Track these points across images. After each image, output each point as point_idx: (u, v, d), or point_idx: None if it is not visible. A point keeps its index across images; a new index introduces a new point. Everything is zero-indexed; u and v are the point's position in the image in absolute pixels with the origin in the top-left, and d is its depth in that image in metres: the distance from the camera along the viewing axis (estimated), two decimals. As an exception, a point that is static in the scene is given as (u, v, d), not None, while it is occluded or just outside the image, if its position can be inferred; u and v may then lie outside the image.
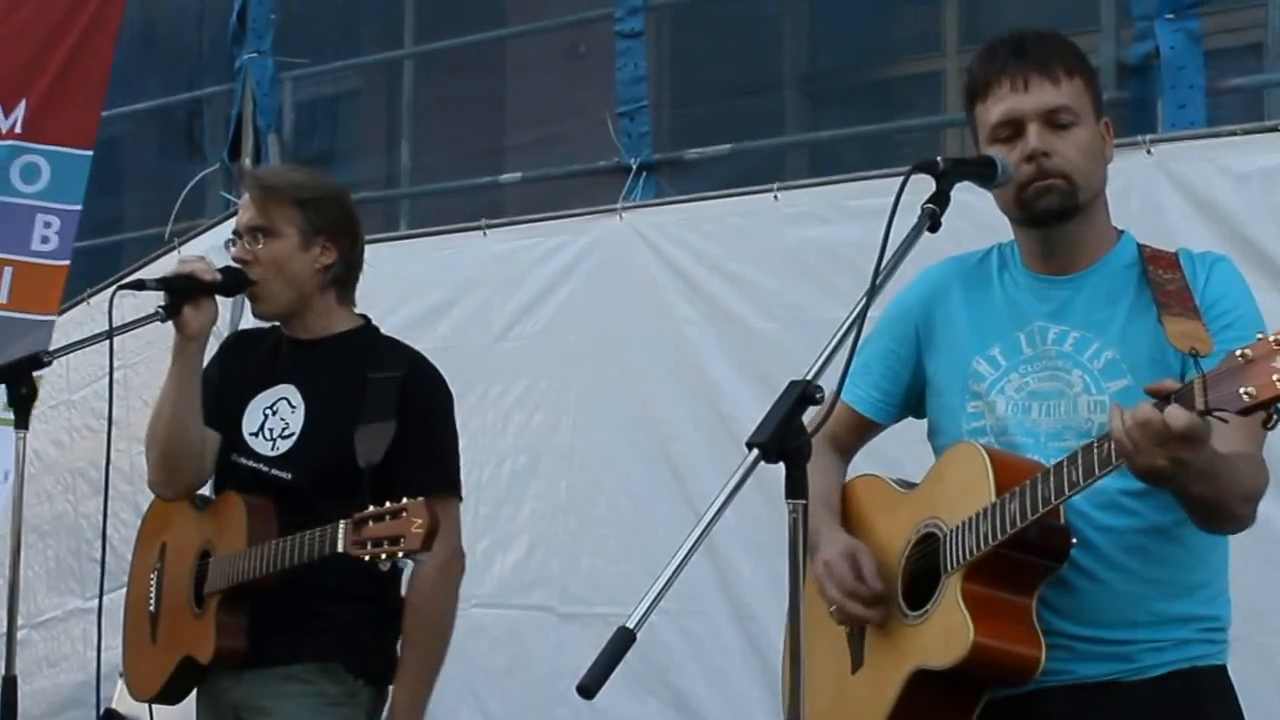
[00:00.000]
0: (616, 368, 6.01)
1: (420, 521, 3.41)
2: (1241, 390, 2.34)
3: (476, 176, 7.18)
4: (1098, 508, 2.83)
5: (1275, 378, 2.30)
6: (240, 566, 3.72)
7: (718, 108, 7.16)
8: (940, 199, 2.72)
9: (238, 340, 4.12)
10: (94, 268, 7.63)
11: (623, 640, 2.29)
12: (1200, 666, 2.88)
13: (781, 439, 2.38)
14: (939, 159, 2.74)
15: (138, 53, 8.05)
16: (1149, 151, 4.98)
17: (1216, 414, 2.42)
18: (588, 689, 2.25)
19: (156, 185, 8.24)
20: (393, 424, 3.70)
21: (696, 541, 2.32)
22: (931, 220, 2.70)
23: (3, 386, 4.69)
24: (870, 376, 3.15)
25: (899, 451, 3.29)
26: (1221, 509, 2.71)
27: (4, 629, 7.18)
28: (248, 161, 7.35)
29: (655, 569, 6.47)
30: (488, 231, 6.47)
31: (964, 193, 3.04)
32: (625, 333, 6.03)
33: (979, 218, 3.51)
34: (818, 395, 2.41)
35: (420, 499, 3.44)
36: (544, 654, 6.04)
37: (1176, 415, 2.45)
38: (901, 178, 2.64)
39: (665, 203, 6.18)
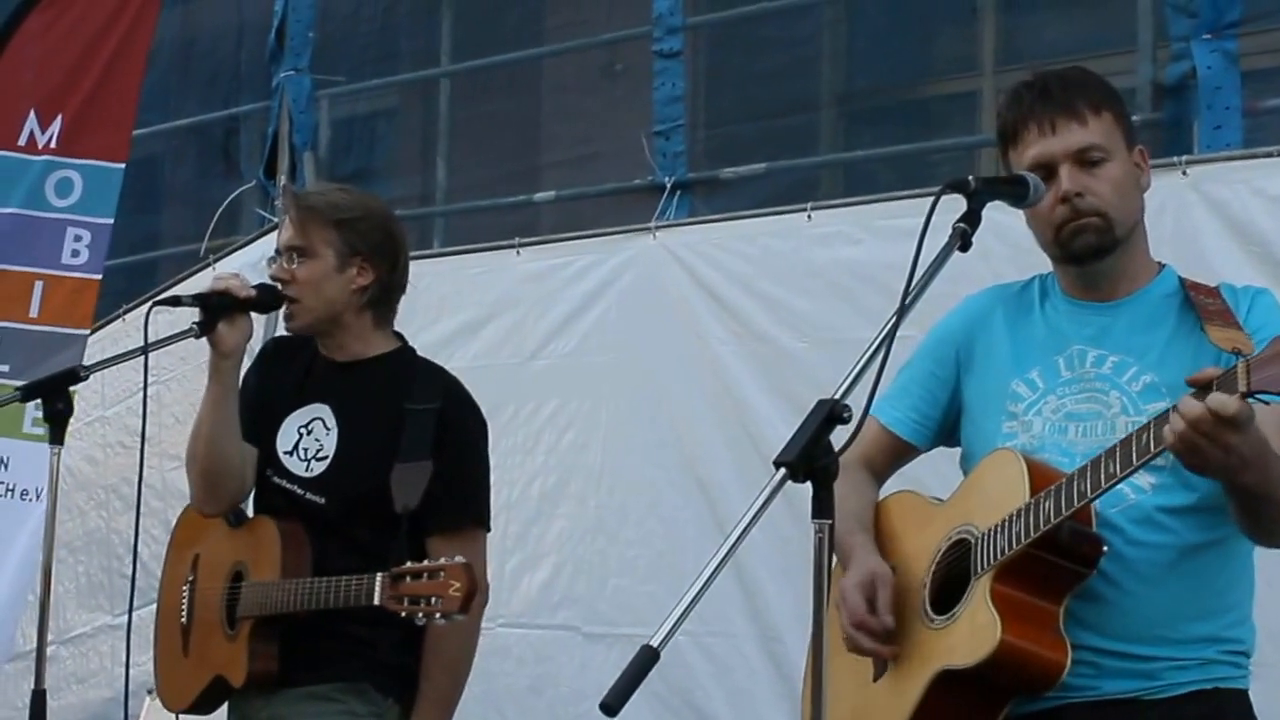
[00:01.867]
0: (647, 388, 6.01)
1: (459, 585, 3.43)
2: None
3: (512, 195, 7.19)
4: (1133, 523, 2.85)
5: None
6: (274, 598, 3.74)
7: (754, 127, 7.14)
8: (971, 218, 2.73)
9: (276, 347, 4.10)
10: (130, 284, 7.67)
11: (646, 658, 2.31)
12: (1223, 688, 2.88)
13: (809, 458, 2.38)
14: (970, 178, 2.76)
15: (176, 70, 8.12)
16: (1184, 173, 4.95)
17: (1260, 396, 2.47)
18: (610, 706, 2.28)
19: (193, 202, 8.28)
20: (429, 464, 3.71)
21: (723, 561, 2.30)
22: (963, 239, 2.70)
23: (38, 401, 4.76)
24: (909, 399, 3.17)
25: (931, 479, 3.28)
26: (1270, 502, 2.70)
27: (35, 645, 7.22)
28: (283, 179, 7.38)
29: (683, 590, 6.46)
30: (521, 250, 6.48)
31: (997, 212, 3.04)
32: (656, 353, 6.02)
33: (1012, 237, 3.50)
34: (845, 415, 2.41)
35: (460, 560, 3.46)
36: (569, 674, 6.04)
37: (1223, 401, 2.49)
38: (933, 197, 2.63)
39: (698, 222, 6.18)
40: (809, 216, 5.71)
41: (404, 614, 3.47)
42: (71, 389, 3.83)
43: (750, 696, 5.61)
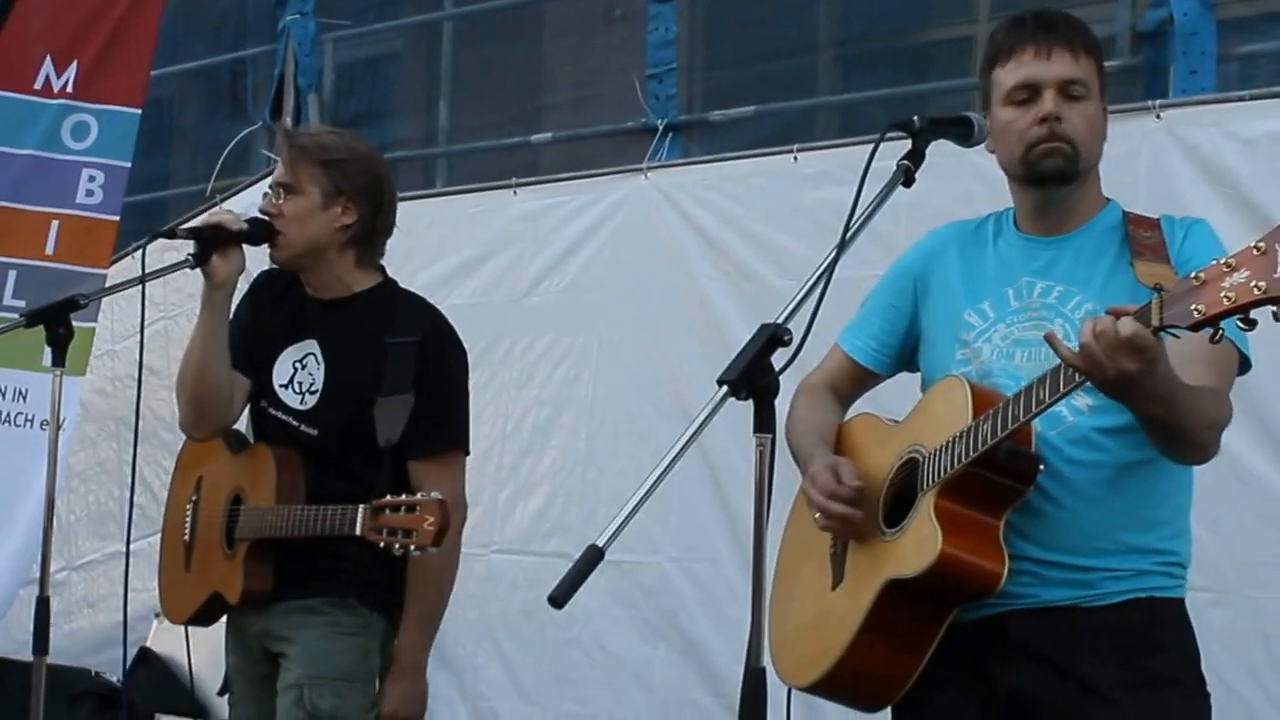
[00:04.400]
0: (638, 324, 6.15)
1: (432, 520, 3.61)
2: (1193, 308, 2.49)
3: (512, 136, 7.31)
4: (1070, 443, 3.00)
5: (1223, 295, 2.45)
6: (268, 522, 3.92)
7: (753, 71, 7.25)
8: (915, 156, 2.90)
9: (268, 279, 4.21)
10: (141, 223, 7.77)
11: (593, 556, 2.49)
12: (1158, 597, 3.03)
13: (750, 377, 2.54)
14: (915, 118, 2.92)
15: (185, 14, 8.21)
16: (1158, 116, 5.07)
17: (1171, 330, 2.57)
18: (557, 600, 2.47)
19: (204, 144, 8.40)
20: (410, 398, 3.87)
21: (665, 470, 2.47)
22: (906, 176, 2.87)
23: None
24: (869, 329, 3.34)
25: (896, 403, 3.43)
26: (1180, 433, 2.85)
27: (52, 568, 7.43)
28: (288, 121, 7.51)
29: (669, 519, 6.64)
30: (518, 190, 6.62)
31: (979, 156, 3.22)
32: (647, 290, 6.16)
33: (988, 179, 3.63)
34: (785, 338, 2.58)
35: (436, 496, 3.64)
36: (560, 599, 6.20)
37: (1125, 323, 2.62)
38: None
39: (689, 163, 6.31)
40: (795, 158, 5.83)
41: (382, 544, 3.65)
42: (89, 324, 3.97)
43: (734, 620, 5.75)
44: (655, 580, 5.98)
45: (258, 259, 4.13)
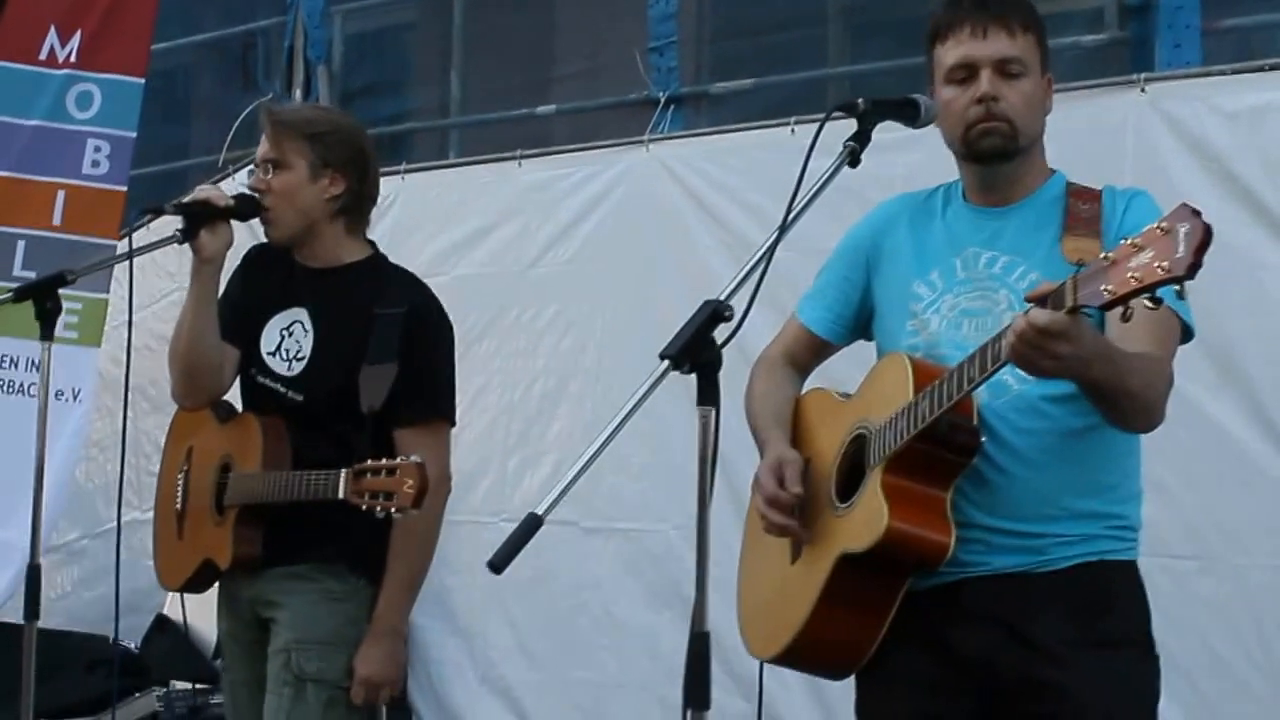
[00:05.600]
0: (641, 294, 6.21)
1: (412, 482, 3.67)
2: (1103, 288, 2.54)
3: (520, 108, 7.39)
4: (1017, 411, 3.06)
5: (1129, 275, 2.49)
6: (255, 488, 4.02)
7: (763, 41, 7.29)
8: (861, 137, 2.99)
9: (259, 253, 4.30)
10: (158, 194, 7.85)
11: (531, 524, 2.53)
12: (1108, 560, 3.09)
13: (692, 352, 2.62)
14: (860, 100, 2.99)
15: (199, -15, 8.35)
16: (1143, 90, 5.13)
17: (1085, 310, 2.63)
18: (496, 565, 2.53)
19: (219, 115, 8.49)
20: (394, 366, 3.94)
21: (605, 442, 2.55)
22: (851, 156, 2.95)
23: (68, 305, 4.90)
24: (824, 300, 3.42)
25: (855, 371, 3.51)
26: (1126, 394, 2.90)
27: (70, 537, 7.53)
28: (298, 93, 7.61)
29: (672, 487, 6.72)
30: (523, 162, 6.71)
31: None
32: (650, 260, 6.23)
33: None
34: (727, 313, 2.66)
35: (415, 459, 3.70)
36: (568, 566, 6.29)
37: (1038, 314, 2.67)
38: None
39: (689, 135, 6.38)
40: (792, 130, 5.87)
41: (365, 507, 3.73)
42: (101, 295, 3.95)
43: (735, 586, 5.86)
44: (661, 548, 6.07)
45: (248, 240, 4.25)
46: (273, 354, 4.14)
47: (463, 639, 6.62)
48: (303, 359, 4.09)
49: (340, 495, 3.79)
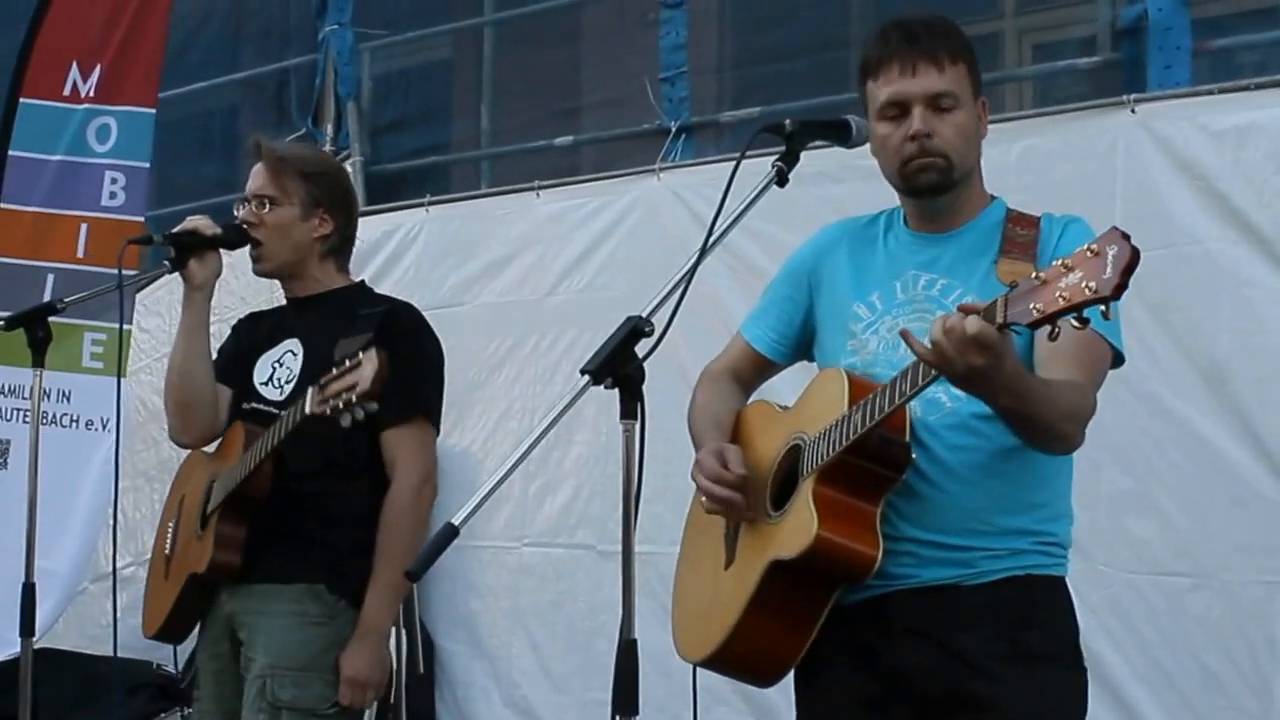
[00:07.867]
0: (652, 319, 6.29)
1: (370, 368, 3.55)
2: (1032, 306, 2.58)
3: (540, 140, 7.52)
4: (949, 428, 3.12)
5: (1058, 295, 2.54)
6: (237, 472, 4.03)
7: (781, 69, 7.36)
8: (789, 158, 3.07)
9: (249, 319, 4.46)
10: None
11: (447, 534, 2.59)
12: (1035, 575, 3.13)
13: (611, 367, 2.72)
14: (786, 121, 3.08)
15: (232, 26, 8.51)
16: (1133, 110, 5.19)
17: (1013, 327, 2.67)
18: (413, 573, 2.60)
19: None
20: (371, 335, 3.81)
21: (521, 458, 2.65)
22: (779, 176, 3.04)
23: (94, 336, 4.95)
24: (768, 319, 3.49)
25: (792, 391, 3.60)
26: (1034, 424, 2.94)
27: (115, 565, 7.64)
28: (329, 128, 7.79)
29: (683, 510, 6.80)
30: (541, 193, 6.84)
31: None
32: (660, 287, 6.29)
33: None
34: (647, 329, 2.78)
35: (375, 349, 3.57)
36: (586, 589, 6.40)
37: (971, 320, 2.70)
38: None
39: (696, 163, 6.48)
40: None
41: (330, 412, 3.63)
42: (127, 327, 4.07)
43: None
44: (669, 566, 6.12)
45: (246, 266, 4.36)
46: (265, 384, 4.21)
47: (488, 661, 6.72)
48: (293, 381, 4.16)
49: (309, 410, 3.71)
